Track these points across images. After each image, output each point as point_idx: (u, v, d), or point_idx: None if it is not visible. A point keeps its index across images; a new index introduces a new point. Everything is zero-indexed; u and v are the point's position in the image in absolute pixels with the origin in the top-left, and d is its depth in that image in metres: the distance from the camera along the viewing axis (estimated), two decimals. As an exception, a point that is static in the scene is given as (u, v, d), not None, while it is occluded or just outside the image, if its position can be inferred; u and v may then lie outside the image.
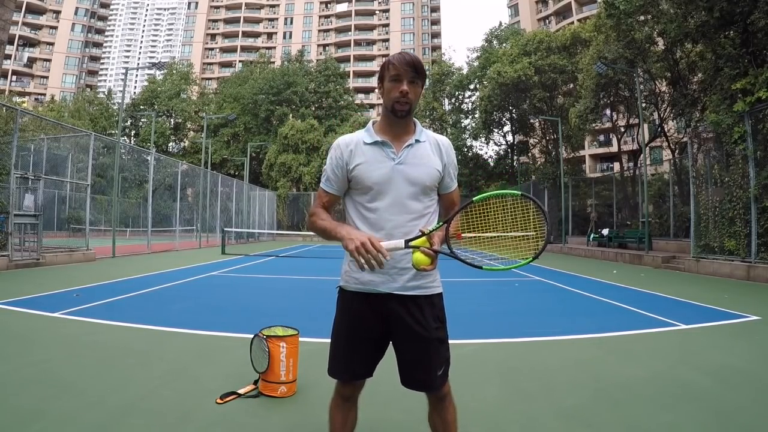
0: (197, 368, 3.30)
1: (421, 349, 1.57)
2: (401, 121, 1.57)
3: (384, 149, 1.57)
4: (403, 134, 1.60)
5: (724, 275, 10.15)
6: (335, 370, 1.65)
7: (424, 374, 1.58)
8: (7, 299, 5.73)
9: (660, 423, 2.45)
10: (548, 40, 28.08)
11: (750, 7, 10.74)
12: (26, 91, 57.28)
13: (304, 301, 6.62)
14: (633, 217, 22.10)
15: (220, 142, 43.00)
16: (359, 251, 1.34)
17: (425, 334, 1.56)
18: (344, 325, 1.63)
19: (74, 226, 14.77)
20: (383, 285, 1.53)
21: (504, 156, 38.17)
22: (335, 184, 1.62)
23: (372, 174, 1.55)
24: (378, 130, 1.61)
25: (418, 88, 1.55)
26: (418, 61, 1.53)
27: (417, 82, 1.53)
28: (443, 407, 1.68)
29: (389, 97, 1.53)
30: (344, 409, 1.67)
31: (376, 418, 2.47)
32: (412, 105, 1.54)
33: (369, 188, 1.56)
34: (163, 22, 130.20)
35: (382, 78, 1.57)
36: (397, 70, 1.52)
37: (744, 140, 10.08)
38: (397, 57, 1.54)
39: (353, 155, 1.58)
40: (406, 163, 1.56)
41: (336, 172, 1.61)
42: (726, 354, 3.91)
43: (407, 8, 65.68)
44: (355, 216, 1.60)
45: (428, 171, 1.58)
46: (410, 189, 1.55)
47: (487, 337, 4.40)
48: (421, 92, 1.58)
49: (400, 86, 1.51)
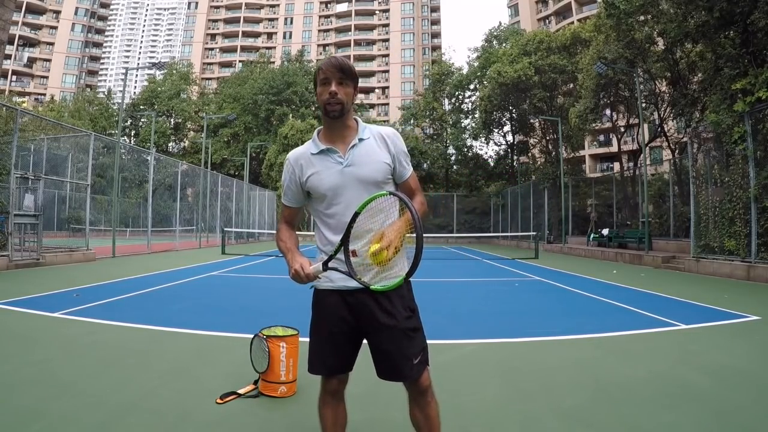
0: (197, 368, 3.30)
1: (394, 339, 1.59)
2: (339, 123, 1.62)
3: (330, 155, 1.62)
4: (346, 136, 1.64)
5: (724, 275, 10.15)
6: (312, 365, 1.69)
7: (399, 363, 1.60)
8: (7, 299, 5.73)
9: (660, 423, 2.45)
10: (548, 40, 28.07)
11: (750, 7, 10.73)
12: (26, 91, 57.27)
13: (304, 301, 6.58)
14: (633, 217, 22.10)
15: (220, 142, 42.99)
16: (295, 277, 1.52)
17: (396, 324, 1.59)
18: (317, 321, 1.70)
19: (74, 226, 14.76)
20: (351, 281, 1.51)
21: (504, 156, 38.16)
22: (293, 198, 1.73)
23: (323, 182, 1.61)
24: (322, 138, 1.66)
25: (348, 88, 1.59)
26: (345, 63, 1.59)
27: (346, 82, 1.58)
28: (425, 402, 1.67)
29: (321, 100, 1.59)
30: (333, 406, 1.71)
31: (376, 418, 2.47)
32: (345, 105, 1.58)
33: (324, 195, 1.63)
34: (163, 22, 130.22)
35: (315, 84, 1.63)
36: (324, 73, 1.57)
37: (744, 140, 10.08)
38: (325, 61, 1.60)
39: (304, 168, 1.65)
40: (353, 165, 1.60)
41: (291, 186, 1.70)
42: (726, 354, 3.91)
43: (407, 8, 65.65)
44: (319, 222, 1.69)
45: (376, 167, 1.61)
46: (363, 188, 1.59)
47: (487, 337, 4.40)
48: (352, 93, 1.61)
49: (329, 88, 1.56)
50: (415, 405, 1.69)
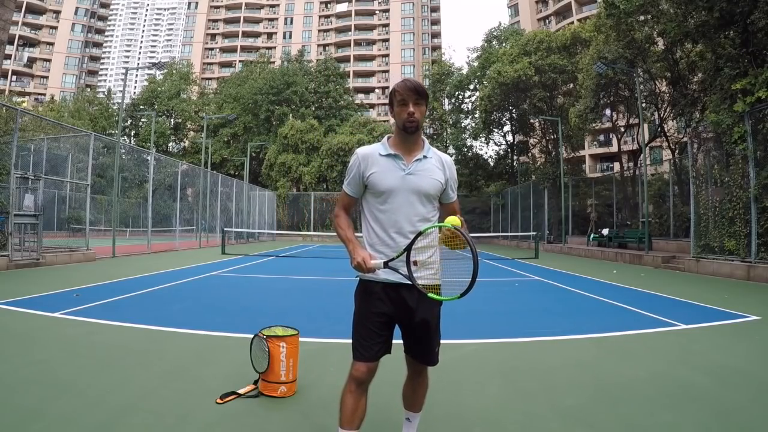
0: (197, 368, 3.30)
1: (428, 330, 1.87)
2: (411, 138, 1.85)
3: (396, 161, 1.85)
4: (413, 150, 1.88)
5: (724, 275, 10.15)
6: (358, 350, 1.83)
7: (429, 350, 1.91)
8: (7, 299, 5.73)
9: (660, 423, 2.45)
10: (548, 40, 28.04)
11: (750, 7, 10.73)
12: (26, 91, 57.25)
13: (304, 301, 6.62)
14: (633, 217, 22.10)
15: (220, 142, 42.96)
16: (358, 268, 1.75)
17: (433, 317, 1.87)
18: (364, 309, 1.86)
19: (74, 226, 14.74)
20: (393, 275, 1.76)
21: (504, 156, 38.16)
22: (354, 188, 1.92)
23: (384, 181, 1.83)
24: (392, 145, 1.89)
25: (422, 107, 1.83)
26: (419, 85, 1.82)
27: (421, 102, 1.81)
28: (420, 381, 2.00)
29: (400, 119, 1.82)
30: (356, 395, 1.81)
31: (376, 418, 2.47)
32: (419, 122, 1.82)
33: (381, 192, 1.84)
34: (163, 22, 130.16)
35: (391, 103, 1.87)
36: (402, 95, 1.80)
37: (744, 140, 10.08)
38: (401, 85, 1.82)
39: (369, 165, 1.86)
40: (414, 174, 1.84)
41: (355, 178, 1.90)
42: (726, 354, 3.91)
43: (407, 8, 65.62)
44: (369, 215, 1.89)
45: (432, 183, 1.86)
46: (416, 196, 1.83)
47: (487, 337, 4.40)
48: (425, 110, 1.86)
49: (407, 109, 1.79)
50: (411, 381, 2.01)
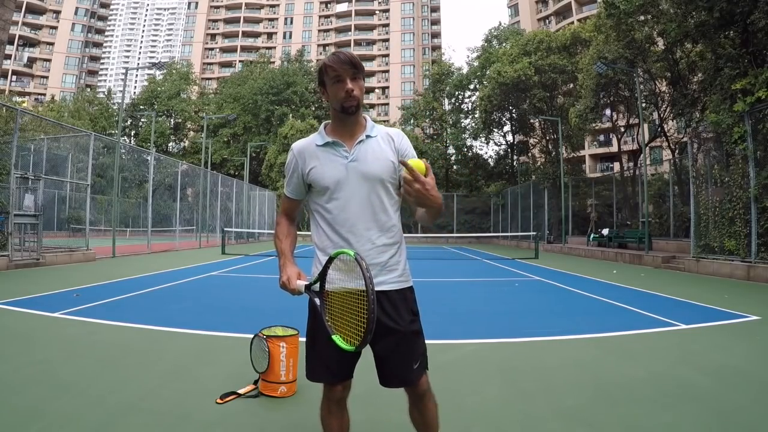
0: (197, 368, 3.30)
1: (397, 344, 1.57)
2: (351, 119, 1.58)
3: (336, 149, 1.59)
4: (355, 132, 1.61)
5: (724, 275, 10.15)
6: (313, 372, 1.63)
7: (402, 369, 1.58)
8: (7, 299, 5.73)
9: (660, 423, 2.45)
10: (548, 40, 28.05)
11: (750, 7, 10.73)
12: (26, 91, 57.27)
13: (304, 301, 6.59)
14: (633, 217, 22.10)
15: (220, 142, 42.98)
16: (283, 287, 1.54)
17: (400, 328, 1.57)
18: (316, 325, 1.61)
19: (74, 226, 14.74)
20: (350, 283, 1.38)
21: (504, 156, 38.18)
22: (294, 189, 1.67)
23: (326, 175, 1.57)
24: (330, 132, 1.63)
25: (360, 82, 1.56)
26: (353, 57, 1.55)
27: (358, 76, 1.55)
28: (423, 405, 1.67)
29: (337, 99, 1.55)
30: (337, 414, 1.65)
31: (376, 418, 2.47)
32: (360, 100, 1.55)
33: (326, 188, 1.58)
34: (163, 22, 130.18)
35: (322, 82, 1.59)
36: (336, 71, 1.52)
37: (744, 140, 10.08)
38: (332, 58, 1.54)
39: (307, 159, 1.61)
40: (358, 160, 1.57)
41: (293, 177, 1.65)
42: (726, 354, 3.90)
43: (407, 8, 65.63)
44: (318, 216, 1.64)
45: (382, 164, 1.58)
46: (366, 185, 1.57)
47: (487, 337, 4.40)
48: (363, 86, 1.58)
49: (344, 86, 1.52)
50: (414, 407, 1.69)
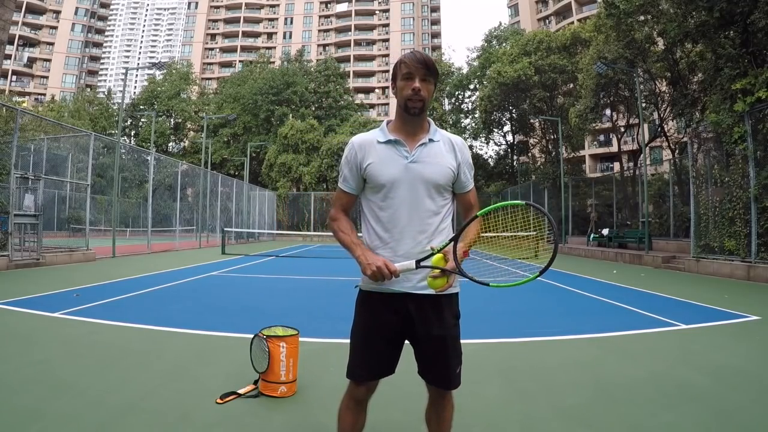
0: (197, 368, 3.30)
1: (441, 346, 1.60)
2: (415, 120, 1.57)
3: (397, 148, 1.57)
4: (417, 133, 1.60)
5: (724, 275, 10.15)
6: (354, 369, 1.62)
7: (444, 370, 1.61)
8: (7, 299, 5.73)
9: (660, 423, 2.45)
10: (548, 40, 28.08)
11: (750, 7, 10.73)
12: (26, 91, 57.27)
13: (305, 301, 6.62)
14: (633, 217, 22.11)
15: (220, 142, 42.97)
16: (375, 276, 1.44)
17: (444, 332, 1.60)
18: (362, 323, 1.63)
19: (74, 226, 14.75)
20: (397, 284, 1.52)
21: (504, 156, 38.21)
22: (351, 183, 1.64)
23: (384, 172, 1.55)
24: (392, 129, 1.61)
25: (430, 85, 1.54)
26: (429, 59, 1.54)
27: (429, 79, 1.53)
28: (442, 405, 1.68)
29: (402, 96, 1.54)
30: (355, 412, 1.65)
31: (376, 418, 2.46)
32: (425, 102, 1.54)
33: (382, 186, 1.56)
34: (163, 22, 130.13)
35: (394, 77, 1.59)
36: (408, 68, 1.52)
37: (744, 140, 10.08)
38: (409, 55, 1.54)
39: (366, 154, 1.59)
40: (419, 162, 1.56)
41: (351, 171, 1.62)
42: (726, 354, 3.90)
43: (407, 8, 65.64)
44: (370, 215, 1.62)
45: (441, 170, 1.57)
46: (423, 187, 1.56)
47: (487, 337, 4.39)
48: (433, 90, 1.57)
49: (412, 84, 1.51)
50: (433, 406, 1.70)
